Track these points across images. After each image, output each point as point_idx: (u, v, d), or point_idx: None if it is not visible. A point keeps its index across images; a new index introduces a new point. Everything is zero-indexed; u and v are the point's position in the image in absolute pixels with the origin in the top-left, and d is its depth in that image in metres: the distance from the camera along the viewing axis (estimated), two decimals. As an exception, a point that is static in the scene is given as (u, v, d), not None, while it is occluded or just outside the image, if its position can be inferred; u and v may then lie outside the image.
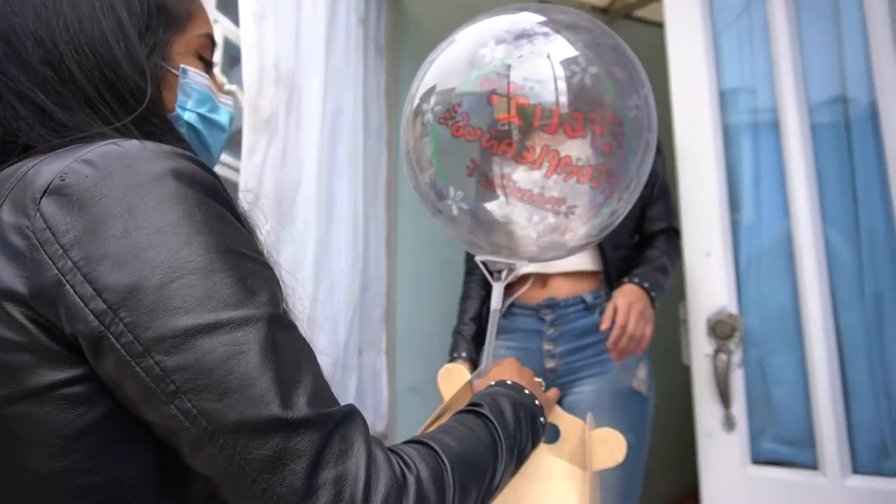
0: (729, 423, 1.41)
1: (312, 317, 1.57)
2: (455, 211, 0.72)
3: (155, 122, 0.60)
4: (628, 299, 1.35)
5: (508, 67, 0.68)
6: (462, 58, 0.72)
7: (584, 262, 1.50)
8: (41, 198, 0.47)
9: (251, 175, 1.37)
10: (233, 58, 1.53)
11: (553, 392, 0.87)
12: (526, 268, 0.92)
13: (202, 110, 0.66)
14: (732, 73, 1.54)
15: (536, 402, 0.73)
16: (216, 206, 0.50)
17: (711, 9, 1.56)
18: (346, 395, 1.75)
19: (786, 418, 1.39)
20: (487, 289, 1.60)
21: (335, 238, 1.73)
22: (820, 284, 1.35)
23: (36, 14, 0.57)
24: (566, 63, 0.68)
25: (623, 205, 0.74)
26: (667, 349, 1.71)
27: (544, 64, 0.68)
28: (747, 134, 1.52)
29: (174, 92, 0.64)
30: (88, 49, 0.57)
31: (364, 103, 1.93)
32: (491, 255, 0.76)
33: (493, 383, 0.74)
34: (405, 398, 2.07)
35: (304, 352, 0.50)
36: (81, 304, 0.45)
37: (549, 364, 1.49)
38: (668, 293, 1.50)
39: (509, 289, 1.55)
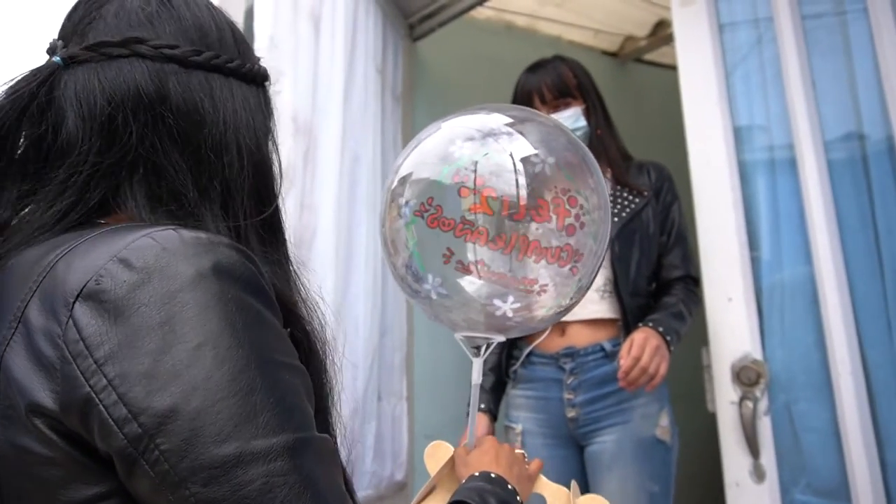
0: (758, 474, 1.36)
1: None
2: (434, 296, 0.78)
3: (277, 241, 0.61)
4: (644, 335, 1.36)
5: (476, 163, 0.75)
6: (435, 151, 0.79)
7: (602, 309, 1.49)
8: (74, 302, 0.44)
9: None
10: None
11: (535, 464, 0.89)
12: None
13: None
14: (747, 112, 1.54)
15: (518, 498, 0.76)
16: (256, 307, 0.47)
17: (723, 48, 1.57)
18: (364, 442, 1.73)
19: (818, 467, 1.33)
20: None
21: (354, 284, 1.74)
22: (845, 325, 1.32)
23: (214, 103, 0.56)
24: (526, 159, 0.76)
25: (587, 278, 0.81)
26: (691, 396, 1.67)
27: (507, 160, 0.75)
28: (764, 171, 1.51)
29: None
30: (250, 148, 0.58)
31: (382, 150, 1.97)
32: (468, 331, 0.81)
33: (477, 474, 0.76)
34: (424, 445, 2.04)
35: (335, 466, 0.49)
36: (115, 427, 0.42)
37: (570, 413, 1.47)
38: (691, 338, 1.48)
39: (528, 337, 1.54)
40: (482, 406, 1.53)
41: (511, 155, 0.75)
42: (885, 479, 1.27)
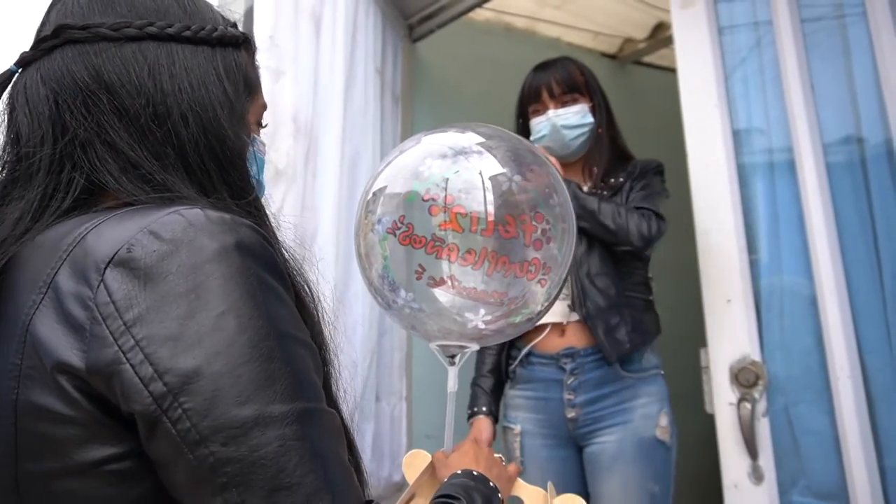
0: (756, 475, 1.36)
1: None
2: (408, 311, 0.80)
3: (246, 191, 0.60)
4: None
5: (446, 181, 0.77)
6: (409, 167, 0.81)
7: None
8: (105, 268, 0.46)
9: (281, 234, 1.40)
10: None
11: (513, 467, 0.90)
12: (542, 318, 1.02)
13: (260, 177, 0.67)
14: (746, 114, 1.54)
15: (499, 495, 0.77)
16: (273, 284, 0.50)
17: (722, 51, 1.57)
18: (362, 442, 1.73)
19: (816, 470, 1.34)
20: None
21: (353, 284, 1.74)
22: (844, 329, 1.32)
23: (149, 71, 0.56)
24: (494, 177, 0.78)
25: (555, 288, 0.84)
26: (689, 397, 1.67)
27: (476, 178, 0.78)
28: (763, 174, 1.51)
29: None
30: (197, 111, 0.57)
31: (381, 151, 1.97)
32: (443, 340, 0.83)
33: (459, 472, 0.76)
34: (422, 445, 2.03)
35: (342, 442, 0.50)
36: (141, 384, 0.44)
37: (570, 414, 1.47)
38: (689, 340, 1.48)
39: (526, 337, 1.54)
40: (484, 409, 1.53)
41: (480, 173, 0.78)
42: (883, 483, 1.27)
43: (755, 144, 1.53)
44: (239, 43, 0.63)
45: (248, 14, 1.49)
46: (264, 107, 0.67)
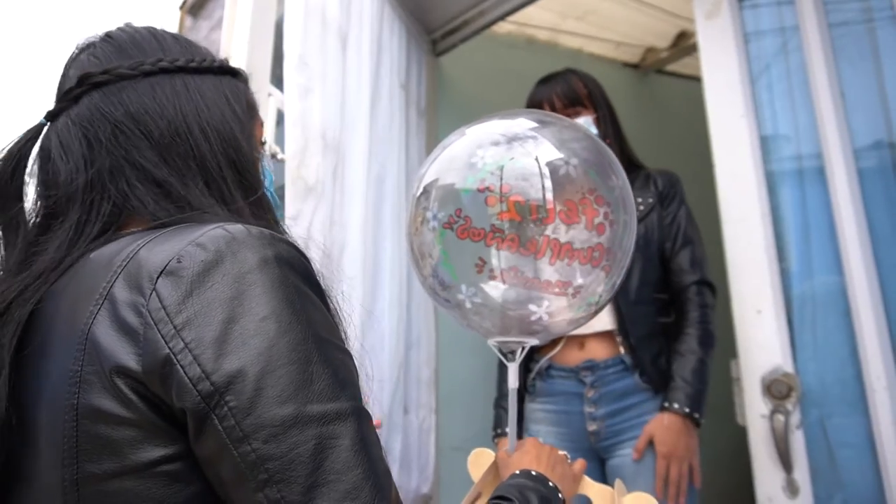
0: (792, 489, 1.33)
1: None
2: (468, 305, 0.78)
3: (261, 202, 0.67)
4: (666, 444, 1.35)
5: (501, 168, 0.74)
6: (461, 156, 0.78)
7: (613, 321, 1.49)
8: (157, 278, 0.50)
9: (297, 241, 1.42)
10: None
11: (579, 464, 0.89)
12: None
13: (271, 188, 0.74)
14: (773, 121, 1.53)
15: (560, 495, 0.77)
16: (311, 294, 0.54)
17: (748, 58, 1.56)
18: (391, 455, 1.74)
19: (853, 483, 1.30)
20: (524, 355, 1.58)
21: (380, 299, 1.76)
22: (879, 338, 1.29)
23: (167, 98, 0.63)
24: (551, 161, 0.74)
25: (619, 275, 0.79)
26: (720, 408, 1.65)
27: (532, 164, 0.74)
28: (792, 181, 1.49)
29: None
30: (215, 127, 0.64)
31: (407, 165, 1.99)
32: (501, 336, 0.80)
33: (518, 472, 0.77)
34: (449, 458, 2.04)
35: (378, 441, 0.52)
36: (190, 384, 0.47)
37: (592, 427, 1.46)
38: (719, 351, 1.46)
39: (543, 350, 1.54)
40: (507, 430, 1.53)
41: (537, 159, 0.75)
42: (924, 496, 1.24)
43: (784, 152, 1.51)
44: (236, 72, 0.71)
45: (278, 27, 1.51)
46: (262, 125, 0.74)
